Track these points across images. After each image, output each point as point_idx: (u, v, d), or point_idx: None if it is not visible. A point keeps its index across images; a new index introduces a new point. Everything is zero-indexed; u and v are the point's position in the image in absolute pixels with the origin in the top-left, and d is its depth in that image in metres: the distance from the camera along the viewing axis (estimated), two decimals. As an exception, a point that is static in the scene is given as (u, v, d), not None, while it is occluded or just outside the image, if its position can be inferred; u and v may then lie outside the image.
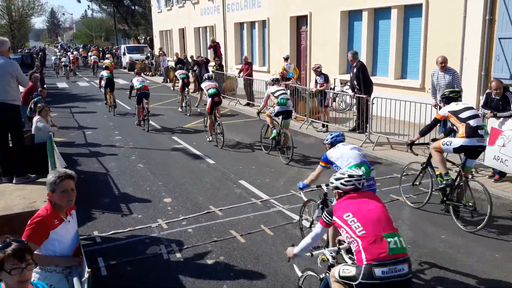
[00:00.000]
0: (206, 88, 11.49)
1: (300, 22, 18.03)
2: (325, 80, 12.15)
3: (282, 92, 9.88)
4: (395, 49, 13.19)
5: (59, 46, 68.85)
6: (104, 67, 18.34)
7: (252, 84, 16.71)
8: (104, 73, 16.80)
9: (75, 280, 3.29)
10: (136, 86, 13.67)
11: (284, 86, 15.08)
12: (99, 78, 17.53)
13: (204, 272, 5.33)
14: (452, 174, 6.45)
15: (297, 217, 6.65)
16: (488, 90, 8.05)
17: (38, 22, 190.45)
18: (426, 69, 11.92)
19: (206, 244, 6.01)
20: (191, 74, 20.07)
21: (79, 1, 56.34)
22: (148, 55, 33.35)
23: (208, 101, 11.31)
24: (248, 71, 17.04)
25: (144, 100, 13.48)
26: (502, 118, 7.52)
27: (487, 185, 7.61)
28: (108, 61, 23.31)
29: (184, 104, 16.26)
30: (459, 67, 10.65)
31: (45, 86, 18.84)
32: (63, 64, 32.01)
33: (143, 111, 13.53)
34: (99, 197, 7.82)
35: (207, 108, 11.30)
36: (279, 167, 9.27)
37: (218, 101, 11.38)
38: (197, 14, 27.22)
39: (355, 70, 11.26)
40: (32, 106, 10.24)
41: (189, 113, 15.80)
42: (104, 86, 16.64)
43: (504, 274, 5.05)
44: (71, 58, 34.77)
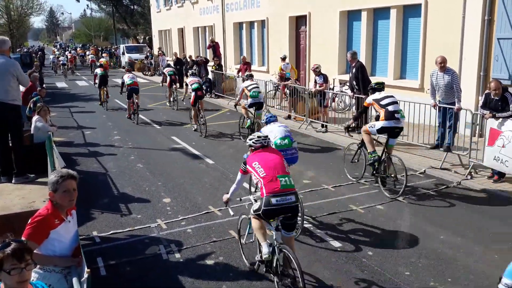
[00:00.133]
0: (190, 83, 12.85)
1: (299, 22, 18.03)
2: (324, 80, 12.15)
3: (254, 86, 11.03)
4: (394, 49, 13.20)
5: (58, 46, 68.85)
6: (99, 65, 19.82)
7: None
8: (98, 71, 17.71)
9: (75, 280, 3.28)
10: (127, 82, 14.71)
11: (283, 86, 15.24)
12: (94, 75, 18.65)
13: (203, 273, 5.33)
14: (378, 152, 7.66)
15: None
16: (487, 91, 8.06)
17: (37, 21, 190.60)
18: (425, 70, 11.92)
19: (205, 244, 6.01)
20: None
21: (78, 0, 56.25)
22: (148, 54, 33.33)
23: (192, 95, 12.50)
24: (247, 71, 17.02)
25: (134, 95, 14.41)
26: (501, 119, 7.52)
27: (487, 186, 7.68)
28: (103, 60, 24.93)
29: (172, 99, 17.21)
30: (458, 67, 10.66)
31: (44, 85, 18.84)
32: (61, 63, 32.89)
33: (133, 105, 14.46)
34: (98, 197, 7.81)
35: (191, 101, 12.56)
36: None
37: (201, 95, 12.61)
38: (196, 14, 27.22)
39: (354, 70, 11.27)
40: (31, 106, 10.23)
41: (176, 108, 16.68)
42: (98, 84, 17.48)
43: (503, 275, 5.06)
44: (69, 57, 35.81)
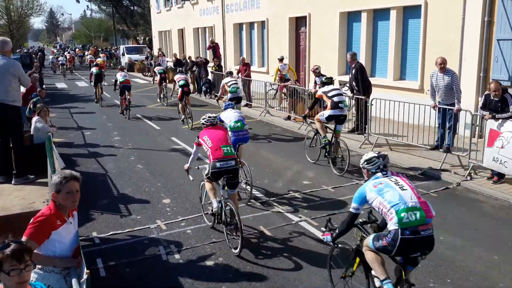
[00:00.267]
0: (177, 80, 14.48)
1: (299, 23, 18.03)
2: (324, 81, 12.14)
3: (233, 82, 12.31)
4: (394, 50, 13.20)
5: (58, 46, 68.89)
6: (94, 64, 21.35)
7: (250, 85, 16.71)
8: (94, 70, 19.05)
9: (74, 281, 3.28)
10: (119, 80, 15.83)
11: (281, 87, 15.26)
12: (90, 74, 20.19)
13: (203, 273, 5.33)
14: (328, 136, 9.07)
15: (296, 218, 6.74)
16: (486, 92, 8.06)
17: (37, 22, 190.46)
18: (425, 70, 11.92)
19: (205, 245, 6.01)
20: (189, 75, 20.17)
21: (78, 1, 56.37)
22: (148, 55, 33.35)
23: (179, 90, 14.06)
24: (247, 72, 17.03)
25: (126, 92, 15.55)
26: (500, 120, 7.52)
27: (486, 187, 7.68)
28: (100, 60, 26.33)
29: (162, 95, 18.62)
30: (458, 68, 10.67)
31: (44, 86, 18.85)
32: (60, 63, 34.04)
33: (125, 101, 15.61)
34: (98, 198, 7.81)
35: (179, 96, 14.09)
36: (278, 168, 9.27)
37: (187, 91, 14.05)
38: (196, 15, 27.22)
39: (354, 71, 11.26)
40: (31, 107, 10.23)
41: (166, 103, 18.08)
42: (94, 82, 18.78)
43: (502, 276, 5.06)
44: (67, 57, 36.97)
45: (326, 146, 8.98)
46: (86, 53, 43.65)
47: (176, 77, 14.71)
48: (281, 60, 16.10)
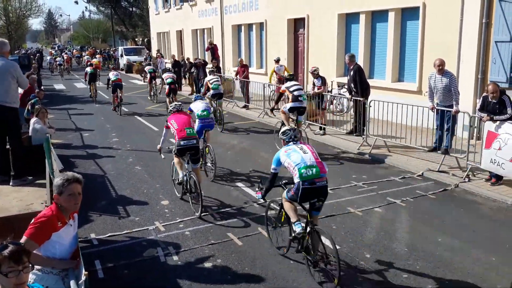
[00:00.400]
0: (165, 78, 16.12)
1: (297, 25, 18.06)
2: (322, 82, 12.17)
3: (215, 80, 13.50)
4: (392, 52, 13.23)
5: (56, 47, 68.87)
6: (89, 64, 23.15)
7: (249, 87, 16.72)
8: (88, 69, 20.48)
9: (72, 282, 3.28)
10: (112, 79, 16.93)
11: (278, 88, 15.26)
12: (84, 73, 21.75)
13: (201, 275, 5.32)
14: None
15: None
16: (484, 94, 8.07)
17: (36, 23, 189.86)
18: (423, 72, 11.95)
19: (203, 247, 6.01)
20: (188, 77, 20.25)
21: (76, 2, 56.44)
22: (147, 56, 33.34)
23: (166, 87, 15.80)
24: (245, 73, 17.04)
25: (118, 90, 16.62)
26: (498, 122, 7.54)
27: (484, 189, 7.69)
28: (95, 60, 28.09)
29: (152, 93, 19.88)
30: (456, 70, 10.69)
31: (42, 87, 18.84)
32: (57, 63, 35.27)
33: (117, 98, 16.69)
34: (96, 200, 7.79)
35: (166, 92, 15.87)
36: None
37: (174, 88, 15.76)
38: (194, 16, 27.23)
39: (352, 73, 11.28)
40: (29, 108, 10.22)
41: (156, 100, 19.30)
42: (88, 80, 20.22)
43: (500, 277, 5.07)
44: (65, 57, 37.88)
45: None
46: (83, 53, 44.17)
47: (164, 76, 16.54)
48: (277, 61, 16.14)
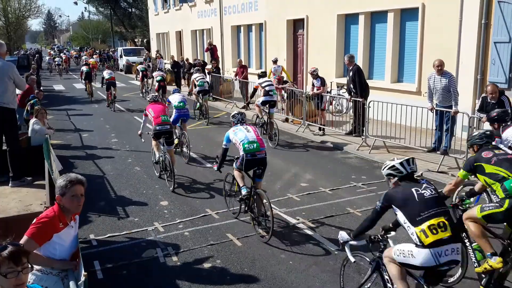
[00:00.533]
0: (155, 76, 17.82)
1: (297, 25, 18.06)
2: (321, 83, 12.17)
3: (201, 77, 14.80)
4: (392, 52, 13.24)
5: (56, 48, 68.91)
6: (84, 63, 24.32)
7: (248, 87, 16.71)
8: (84, 68, 21.65)
9: (72, 283, 3.28)
10: (106, 77, 18.23)
11: (281, 89, 15.26)
12: (80, 72, 22.95)
13: (200, 276, 5.32)
14: (265, 118, 11.70)
15: (293, 221, 6.77)
16: (483, 94, 8.09)
17: (35, 24, 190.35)
18: (422, 73, 11.96)
19: (203, 247, 6.01)
20: (187, 77, 20.26)
21: (75, 3, 56.29)
22: (146, 57, 33.32)
23: (156, 84, 17.35)
24: (244, 74, 17.04)
25: (111, 87, 17.78)
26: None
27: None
28: (92, 60, 29.70)
29: (144, 90, 21.10)
30: (455, 70, 10.69)
31: (42, 88, 18.83)
32: (56, 63, 36.77)
33: (111, 95, 17.82)
34: (96, 200, 7.79)
35: (156, 88, 17.07)
36: (277, 170, 9.26)
37: (163, 85, 17.14)
38: (194, 17, 27.23)
39: (351, 73, 11.28)
40: (29, 109, 10.22)
41: (147, 98, 19.95)
42: (84, 78, 21.38)
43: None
44: (63, 57, 39.34)
45: (263, 125, 11.76)
46: (81, 54, 44.85)
47: (155, 74, 18.34)
48: (274, 62, 16.17)
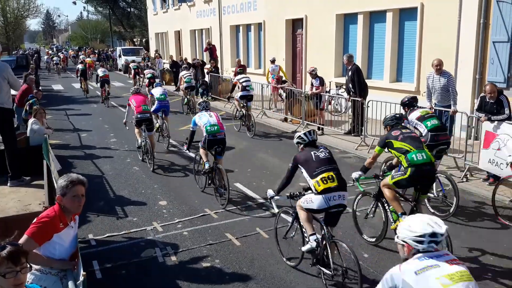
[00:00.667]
0: (146, 73, 18.58)
1: (295, 25, 18.06)
2: (320, 83, 12.17)
3: (188, 75, 16.20)
4: (390, 52, 13.24)
5: (54, 48, 68.86)
6: (80, 62, 25.44)
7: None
8: (80, 66, 22.90)
9: (70, 283, 3.28)
10: (100, 75, 19.46)
11: (276, 88, 15.29)
12: (76, 70, 24.03)
13: (199, 275, 5.32)
14: (243, 111, 12.80)
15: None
16: (482, 94, 8.08)
17: (34, 23, 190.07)
18: (421, 73, 11.96)
19: (202, 247, 6.01)
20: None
21: (74, 3, 56.20)
22: (145, 57, 33.28)
23: (146, 81, 17.96)
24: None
25: (105, 84, 18.97)
26: (496, 122, 7.55)
27: (482, 188, 7.71)
28: (89, 60, 30.76)
29: (136, 87, 21.32)
30: (454, 70, 10.70)
31: (40, 88, 18.80)
32: (54, 62, 37.70)
33: (105, 92, 19.00)
34: (94, 200, 7.77)
35: (146, 84, 17.77)
36: (276, 170, 9.26)
37: (153, 82, 17.42)
38: (193, 17, 27.21)
39: (350, 73, 11.29)
40: (28, 108, 10.21)
41: (130, 90, 21.04)
42: (79, 75, 22.54)
43: (498, 278, 5.07)
44: (61, 57, 40.11)
45: (242, 117, 12.85)
46: (79, 53, 45.54)
47: (146, 71, 19.32)
48: (272, 61, 16.18)
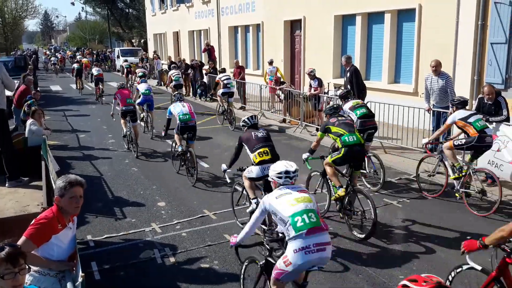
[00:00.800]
0: (137, 72, 18.55)
1: (294, 26, 18.09)
2: (319, 84, 12.19)
3: (176, 73, 17.37)
4: (389, 53, 13.26)
5: (52, 49, 68.81)
6: (76, 61, 26.58)
7: (245, 88, 16.72)
8: (75, 65, 24.10)
9: (69, 284, 3.27)
10: (95, 74, 20.40)
11: (273, 89, 15.30)
12: (71, 69, 25.40)
13: (197, 277, 5.32)
14: (225, 106, 14.34)
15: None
16: (480, 95, 8.11)
17: (32, 24, 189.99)
18: (419, 74, 11.99)
19: (200, 248, 6.01)
20: (184, 78, 20.24)
21: (73, 3, 56.15)
22: (143, 57, 33.25)
23: (138, 79, 18.24)
24: (241, 75, 17.04)
25: (100, 83, 19.98)
26: (495, 123, 7.57)
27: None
28: (85, 60, 31.06)
29: (128, 85, 21.95)
30: (452, 71, 10.72)
31: (39, 88, 18.78)
32: (52, 62, 38.77)
33: (99, 90, 19.98)
34: (93, 201, 7.77)
35: (137, 82, 18.11)
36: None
37: (144, 80, 19.44)
38: (191, 18, 27.23)
39: (348, 74, 11.29)
40: (26, 109, 10.18)
41: (116, 85, 23.08)
42: (75, 74, 23.69)
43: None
44: (58, 57, 40.67)
45: (224, 112, 14.14)
46: (76, 54, 45.65)
47: (137, 70, 20.13)
48: (270, 63, 16.21)
